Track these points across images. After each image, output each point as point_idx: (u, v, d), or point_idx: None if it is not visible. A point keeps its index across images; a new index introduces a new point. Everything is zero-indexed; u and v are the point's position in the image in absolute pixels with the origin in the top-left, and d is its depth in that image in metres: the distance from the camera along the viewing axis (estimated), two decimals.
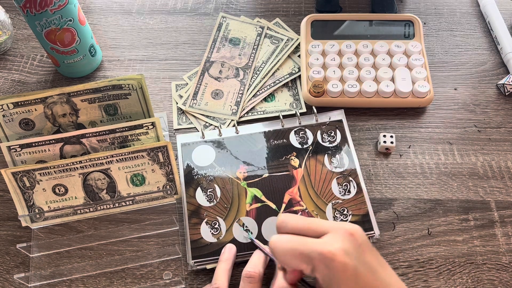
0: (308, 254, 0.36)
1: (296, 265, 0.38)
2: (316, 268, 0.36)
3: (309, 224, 0.39)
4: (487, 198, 0.53)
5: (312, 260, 0.36)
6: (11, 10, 0.72)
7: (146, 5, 0.72)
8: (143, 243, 0.51)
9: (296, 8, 0.71)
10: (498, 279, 0.48)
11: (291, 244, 0.38)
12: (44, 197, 0.52)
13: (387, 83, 0.58)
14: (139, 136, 0.52)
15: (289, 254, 0.38)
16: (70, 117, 0.54)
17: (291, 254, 0.38)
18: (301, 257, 0.37)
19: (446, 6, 0.70)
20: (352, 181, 0.53)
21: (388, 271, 0.38)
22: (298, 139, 0.56)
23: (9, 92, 0.64)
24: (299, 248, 0.37)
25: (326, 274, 0.36)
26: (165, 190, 0.53)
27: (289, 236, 0.39)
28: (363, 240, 0.37)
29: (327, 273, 0.36)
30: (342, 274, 0.35)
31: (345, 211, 0.51)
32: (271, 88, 0.61)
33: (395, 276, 0.38)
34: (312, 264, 0.36)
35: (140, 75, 0.52)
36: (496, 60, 0.64)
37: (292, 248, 0.38)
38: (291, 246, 0.38)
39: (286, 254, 0.38)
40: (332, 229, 0.38)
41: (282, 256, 0.39)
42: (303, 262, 0.37)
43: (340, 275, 0.35)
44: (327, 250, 0.35)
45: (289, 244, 0.38)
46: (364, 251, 0.37)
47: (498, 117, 0.59)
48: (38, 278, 0.49)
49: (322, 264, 0.35)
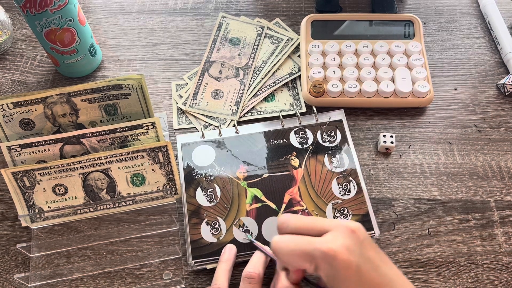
0: (310, 253, 0.36)
1: (299, 264, 0.38)
2: (319, 266, 0.36)
3: (310, 223, 0.39)
4: (487, 198, 0.53)
5: (315, 258, 0.36)
6: (11, 10, 0.72)
7: (146, 5, 0.72)
8: (143, 243, 0.51)
9: (296, 8, 0.71)
10: (498, 279, 0.48)
11: (293, 244, 0.38)
12: (44, 197, 0.52)
13: (387, 83, 0.58)
14: (139, 136, 0.52)
15: (292, 254, 0.38)
16: (70, 117, 0.54)
17: (294, 254, 0.38)
18: (304, 256, 0.37)
19: (446, 6, 0.70)
20: (352, 181, 0.53)
21: (391, 267, 0.38)
22: (298, 139, 0.56)
23: (9, 92, 0.64)
24: (302, 247, 0.37)
25: (329, 272, 0.36)
26: (165, 190, 0.53)
27: (291, 236, 0.39)
28: (364, 236, 0.38)
29: (330, 271, 0.36)
30: (345, 271, 0.35)
31: (345, 211, 0.51)
32: (271, 88, 0.61)
33: (398, 271, 0.38)
34: (315, 262, 0.36)
35: (140, 75, 0.52)
36: (496, 60, 0.64)
37: (294, 248, 0.38)
38: (293, 246, 0.38)
39: (288, 254, 0.38)
40: (333, 227, 0.38)
41: (284, 256, 0.39)
42: (306, 261, 0.37)
43: (344, 272, 0.35)
44: (330, 248, 0.36)
45: (291, 244, 0.38)
46: (366, 247, 0.37)
47: (498, 117, 0.59)
48: (38, 278, 0.49)
49: (325, 262, 0.36)
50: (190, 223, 0.51)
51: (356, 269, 0.35)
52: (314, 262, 0.36)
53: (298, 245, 0.38)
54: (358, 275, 0.35)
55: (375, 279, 0.36)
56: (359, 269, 0.35)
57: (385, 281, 0.36)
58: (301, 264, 0.38)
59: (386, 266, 0.37)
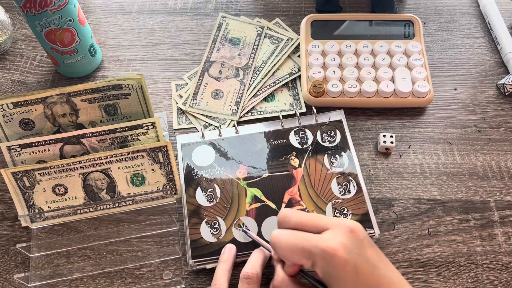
0: (309, 250, 0.37)
1: (297, 260, 0.38)
2: (317, 263, 0.36)
3: (311, 220, 0.39)
4: (487, 198, 0.53)
5: (313, 255, 0.36)
6: (11, 10, 0.72)
7: (146, 5, 0.72)
8: (143, 243, 0.51)
9: (296, 8, 0.71)
10: (498, 279, 0.48)
11: (292, 240, 0.38)
12: (44, 197, 0.52)
13: (387, 83, 0.58)
14: (139, 136, 0.52)
15: (290, 249, 0.38)
16: (70, 117, 0.54)
17: (292, 249, 0.38)
18: (302, 253, 0.37)
19: (446, 6, 0.70)
20: (352, 181, 0.53)
21: (389, 267, 0.38)
22: (298, 139, 0.56)
23: (9, 92, 0.64)
24: (301, 243, 0.37)
25: (326, 269, 0.36)
26: (165, 190, 0.53)
27: (291, 231, 0.39)
28: (363, 236, 0.38)
29: (327, 269, 0.36)
30: (342, 270, 0.35)
31: (345, 211, 0.51)
32: (271, 88, 0.61)
33: (396, 271, 0.38)
34: (312, 259, 0.37)
35: (140, 75, 0.52)
36: (496, 60, 0.64)
37: (293, 243, 0.38)
38: (292, 242, 0.38)
39: (287, 249, 0.38)
40: (333, 225, 0.38)
41: (283, 251, 0.39)
42: (304, 257, 0.37)
43: (341, 271, 0.35)
44: (328, 246, 0.36)
45: (290, 240, 0.38)
46: (365, 247, 0.37)
47: (498, 117, 0.59)
48: (38, 278, 0.49)
49: (323, 260, 0.36)
50: (190, 223, 0.51)
51: (354, 268, 0.35)
52: (312, 259, 0.37)
53: (297, 241, 0.38)
54: (356, 274, 0.35)
55: (372, 279, 0.36)
56: (357, 268, 0.35)
57: (383, 282, 0.36)
58: (298, 260, 0.38)
59: (385, 267, 0.37)
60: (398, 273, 0.38)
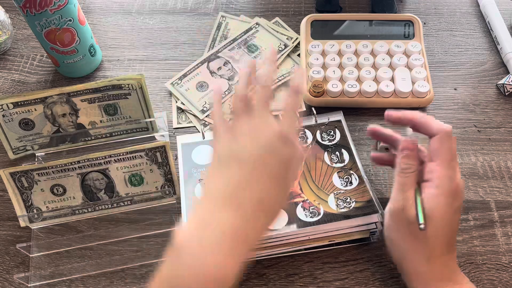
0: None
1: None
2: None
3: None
4: (487, 198, 0.53)
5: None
6: (11, 10, 0.72)
7: (146, 5, 0.72)
8: (143, 243, 0.51)
9: (296, 8, 0.70)
10: (498, 279, 0.48)
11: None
12: (42, 197, 0.52)
13: (387, 83, 0.58)
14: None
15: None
16: (70, 117, 0.54)
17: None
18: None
19: (446, 6, 0.70)
20: (353, 174, 0.52)
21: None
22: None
23: (9, 92, 0.64)
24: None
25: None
26: (163, 190, 0.53)
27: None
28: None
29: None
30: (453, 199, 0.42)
31: (347, 199, 0.50)
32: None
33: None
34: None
35: (140, 75, 0.52)
36: (496, 60, 0.64)
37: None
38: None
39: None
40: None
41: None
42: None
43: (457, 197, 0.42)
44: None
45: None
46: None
47: (498, 117, 0.59)
48: (38, 278, 0.49)
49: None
50: None
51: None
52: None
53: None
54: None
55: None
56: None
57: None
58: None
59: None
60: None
